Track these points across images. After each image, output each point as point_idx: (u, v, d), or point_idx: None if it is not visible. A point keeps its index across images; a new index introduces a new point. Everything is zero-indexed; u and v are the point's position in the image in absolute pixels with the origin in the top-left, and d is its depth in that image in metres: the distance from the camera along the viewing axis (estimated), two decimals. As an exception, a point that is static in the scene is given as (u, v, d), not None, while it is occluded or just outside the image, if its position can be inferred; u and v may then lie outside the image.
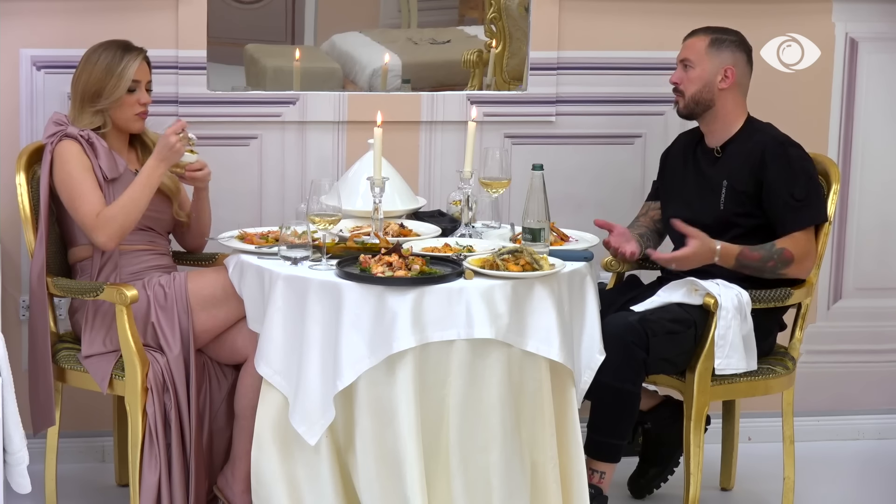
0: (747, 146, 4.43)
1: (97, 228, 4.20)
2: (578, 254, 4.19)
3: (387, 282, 3.85)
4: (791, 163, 4.38)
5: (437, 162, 4.93)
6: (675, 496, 4.61)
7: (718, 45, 4.46)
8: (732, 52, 4.46)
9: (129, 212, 4.21)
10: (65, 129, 4.29)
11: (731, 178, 4.42)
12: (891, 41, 5.11)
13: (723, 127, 4.48)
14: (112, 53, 4.31)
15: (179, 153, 4.22)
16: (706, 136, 4.53)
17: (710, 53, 4.45)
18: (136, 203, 4.21)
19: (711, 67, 4.45)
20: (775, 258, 4.33)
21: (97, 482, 4.76)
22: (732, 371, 4.32)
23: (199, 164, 4.34)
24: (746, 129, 4.47)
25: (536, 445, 3.99)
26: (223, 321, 4.25)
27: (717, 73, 4.44)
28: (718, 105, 4.46)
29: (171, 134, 4.20)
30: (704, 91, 4.45)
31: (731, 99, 4.46)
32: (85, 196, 4.22)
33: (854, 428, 5.29)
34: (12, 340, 4.50)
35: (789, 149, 4.41)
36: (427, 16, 5.08)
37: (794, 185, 4.36)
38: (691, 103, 4.47)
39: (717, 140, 4.49)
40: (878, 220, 5.21)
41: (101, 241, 4.21)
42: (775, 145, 4.41)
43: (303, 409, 3.90)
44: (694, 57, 4.47)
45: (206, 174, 4.36)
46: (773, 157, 4.37)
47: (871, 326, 5.25)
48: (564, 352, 3.95)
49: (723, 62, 4.45)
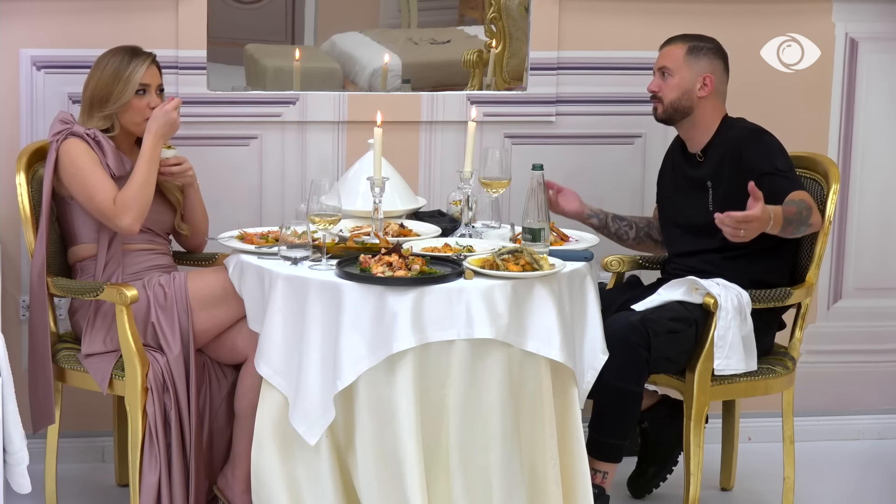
0: (724, 142, 4.45)
1: (118, 214, 4.20)
2: (578, 254, 4.19)
3: (387, 282, 3.85)
4: (767, 145, 4.42)
5: (437, 162, 4.93)
6: (674, 496, 4.61)
7: (696, 52, 4.47)
8: (710, 59, 4.48)
9: (144, 190, 4.22)
10: (71, 128, 4.29)
11: (714, 178, 4.44)
12: (891, 41, 5.11)
13: (702, 132, 4.50)
14: (120, 58, 4.31)
15: (176, 126, 4.23)
16: (686, 142, 4.56)
17: (689, 61, 4.46)
18: (148, 181, 4.23)
19: (690, 76, 4.46)
20: (805, 208, 4.28)
21: (97, 482, 4.76)
22: (732, 372, 4.32)
23: (175, 159, 4.34)
24: (722, 129, 4.50)
25: (537, 445, 3.99)
26: (223, 321, 4.25)
27: (695, 82, 4.46)
28: (697, 112, 4.48)
29: (169, 108, 4.22)
30: (683, 99, 4.47)
31: (709, 106, 4.48)
32: (99, 185, 4.23)
33: (854, 428, 5.29)
34: (12, 340, 4.50)
35: (763, 135, 4.45)
36: (427, 16, 5.08)
37: (775, 160, 4.38)
38: (670, 110, 4.49)
39: (698, 145, 4.52)
40: (878, 220, 5.21)
41: (126, 223, 4.21)
42: (748, 134, 4.44)
43: (303, 409, 3.90)
44: (672, 65, 4.48)
45: (184, 169, 4.36)
46: (748, 143, 4.40)
47: (871, 326, 5.25)
48: (565, 352, 3.95)
49: (701, 70, 4.46)
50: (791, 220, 4.26)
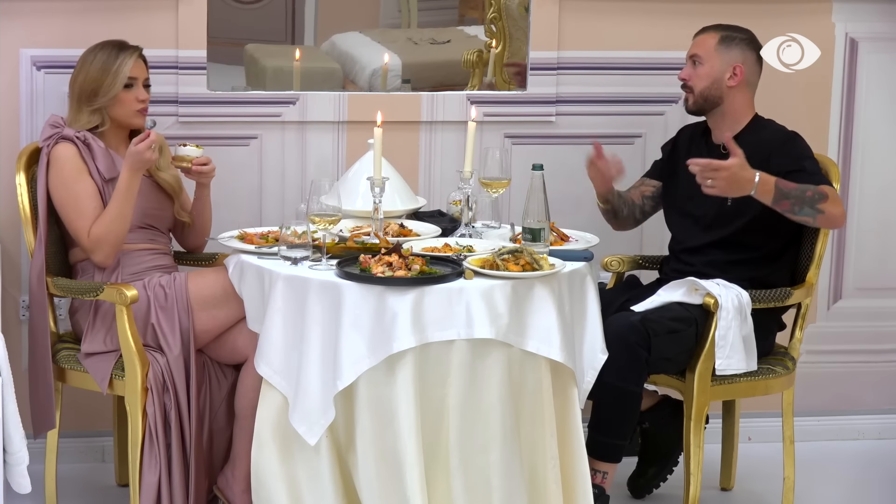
0: (754, 142, 4.42)
1: (91, 250, 4.26)
2: (578, 254, 4.19)
3: (387, 282, 3.85)
4: (798, 149, 4.41)
5: (437, 162, 4.93)
6: (675, 496, 4.61)
7: (728, 42, 4.46)
8: (742, 50, 4.46)
9: (118, 226, 4.23)
10: (61, 132, 4.30)
11: None
12: (891, 41, 5.11)
13: (731, 123, 4.48)
14: (107, 53, 4.32)
15: (149, 161, 4.22)
16: (713, 131, 4.52)
17: (720, 50, 4.45)
18: (122, 215, 4.23)
19: (720, 65, 4.45)
20: (812, 189, 4.26)
21: (97, 482, 4.76)
22: (733, 372, 4.32)
23: (204, 158, 4.35)
24: (753, 126, 4.48)
25: (537, 445, 3.99)
26: (223, 321, 4.25)
27: (725, 71, 4.44)
28: (727, 102, 4.46)
29: (139, 143, 4.19)
30: (713, 88, 4.45)
31: (739, 96, 4.46)
32: (78, 209, 4.25)
33: (854, 428, 5.29)
34: (12, 340, 4.50)
35: (795, 139, 4.45)
36: (427, 16, 5.08)
37: (803, 161, 4.37)
38: (700, 99, 4.47)
39: (723, 136, 4.48)
40: (878, 220, 5.21)
41: (98, 259, 4.26)
42: (781, 137, 4.44)
43: (303, 409, 3.89)
44: (703, 53, 4.47)
45: (211, 169, 4.39)
46: (778, 147, 4.39)
47: (871, 326, 5.25)
48: (565, 352, 3.95)
49: (732, 60, 4.45)
50: (788, 195, 4.23)
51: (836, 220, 4.32)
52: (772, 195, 4.23)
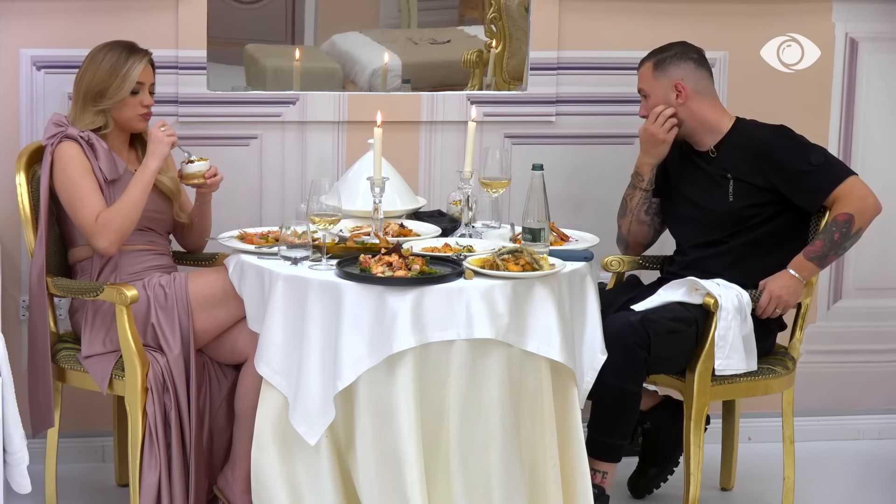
0: (745, 139, 4.44)
1: (96, 234, 4.20)
2: (578, 254, 4.19)
3: (387, 282, 3.85)
4: (797, 141, 4.43)
5: (437, 162, 4.93)
6: (675, 496, 4.61)
7: (660, 65, 4.50)
8: (676, 65, 4.49)
9: (127, 214, 4.21)
10: (65, 131, 4.29)
11: (735, 170, 4.43)
12: (891, 41, 5.11)
13: (707, 132, 4.50)
14: (117, 54, 4.30)
15: (167, 144, 4.23)
16: (694, 144, 4.55)
17: (657, 77, 4.50)
18: (134, 205, 4.21)
19: (663, 90, 4.49)
20: (835, 229, 4.32)
21: (97, 482, 4.76)
22: (733, 372, 4.32)
23: (213, 168, 4.35)
24: (738, 127, 4.50)
25: (536, 445, 3.99)
26: (223, 321, 4.25)
27: (669, 93, 4.47)
28: (689, 118, 4.49)
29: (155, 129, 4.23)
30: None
31: (697, 107, 4.48)
32: (84, 199, 4.22)
33: (854, 428, 5.29)
34: (12, 340, 4.50)
35: (790, 132, 4.46)
36: (427, 16, 5.08)
37: (808, 155, 4.39)
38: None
39: (707, 144, 4.51)
40: (878, 220, 5.18)
41: (102, 245, 4.21)
42: (773, 131, 4.46)
43: (303, 409, 3.90)
44: (646, 86, 4.53)
45: (221, 177, 4.38)
46: (777, 143, 4.40)
47: (871, 326, 5.25)
48: (565, 352, 3.95)
49: (670, 80, 4.48)
50: (826, 253, 4.33)
51: (869, 215, 4.38)
52: (817, 268, 4.35)
